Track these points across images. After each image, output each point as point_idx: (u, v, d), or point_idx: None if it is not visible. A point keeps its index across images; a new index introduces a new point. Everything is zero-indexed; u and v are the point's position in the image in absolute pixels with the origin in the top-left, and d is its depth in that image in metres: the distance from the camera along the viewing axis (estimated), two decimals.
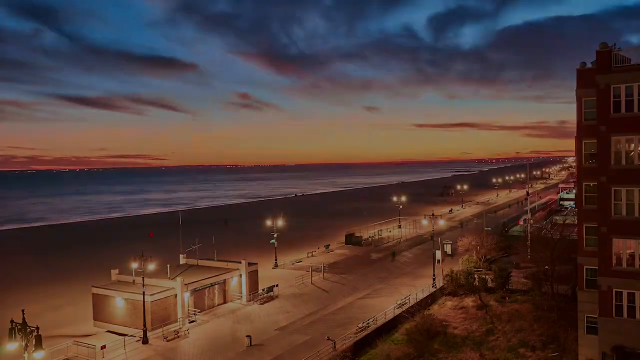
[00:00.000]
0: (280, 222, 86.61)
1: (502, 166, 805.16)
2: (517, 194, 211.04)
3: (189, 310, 54.62)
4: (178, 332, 50.43)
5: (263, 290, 63.24)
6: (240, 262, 62.83)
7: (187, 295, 54.71)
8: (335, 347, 44.69)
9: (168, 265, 61.28)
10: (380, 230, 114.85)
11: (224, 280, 60.32)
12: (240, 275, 61.97)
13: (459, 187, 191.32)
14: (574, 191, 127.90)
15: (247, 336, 47.31)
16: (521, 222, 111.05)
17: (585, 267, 38.10)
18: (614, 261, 35.59)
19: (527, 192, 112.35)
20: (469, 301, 58.01)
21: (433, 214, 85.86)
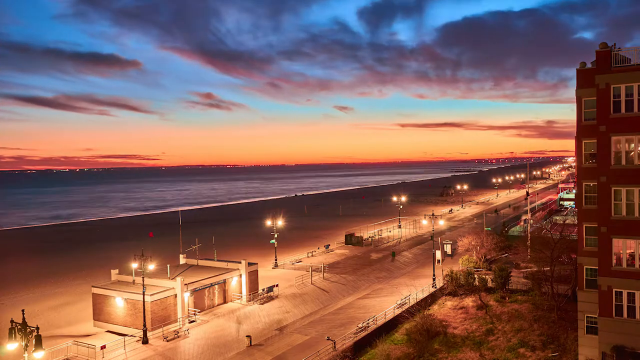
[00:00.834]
0: (280, 222, 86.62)
1: (502, 166, 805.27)
2: (518, 193, 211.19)
3: (189, 310, 54.63)
4: (178, 332, 50.44)
5: (263, 290, 63.25)
6: (240, 262, 62.84)
7: (187, 295, 54.72)
8: (335, 347, 44.70)
9: (168, 265, 61.34)
10: (380, 230, 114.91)
11: (224, 280, 60.33)
12: (240, 275, 61.99)
13: (458, 187, 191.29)
14: (574, 191, 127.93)
15: (247, 336, 47.31)
16: (521, 222, 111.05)
17: (585, 267, 38.08)
18: (614, 261, 35.59)
19: (527, 192, 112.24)
20: (469, 301, 58.01)
21: (433, 214, 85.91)
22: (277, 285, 65.14)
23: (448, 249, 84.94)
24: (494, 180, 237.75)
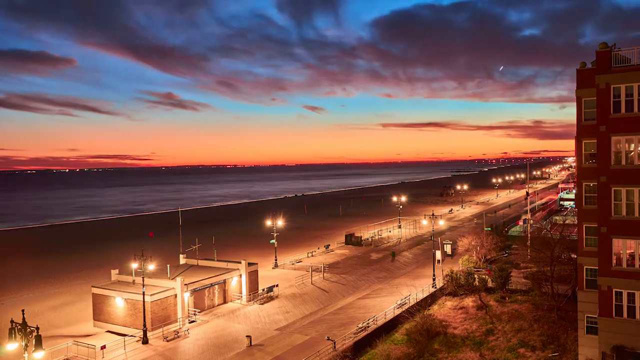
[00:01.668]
0: (280, 222, 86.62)
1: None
2: (518, 193, 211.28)
3: (189, 310, 54.63)
4: (178, 332, 50.44)
5: (263, 290, 63.25)
6: (240, 262, 62.84)
7: (187, 295, 54.72)
8: (335, 347, 44.70)
9: (168, 265, 61.35)
10: (380, 230, 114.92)
11: (224, 280, 60.33)
12: (240, 276, 61.99)
13: (458, 187, 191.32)
14: (574, 191, 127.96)
15: (247, 336, 47.31)
16: (521, 223, 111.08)
17: (585, 267, 38.08)
18: (614, 261, 35.59)
19: (527, 192, 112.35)
20: (468, 301, 58.01)
21: (433, 214, 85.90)
22: (277, 285, 65.14)
23: (448, 249, 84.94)
24: (494, 180, 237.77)
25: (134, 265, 51.68)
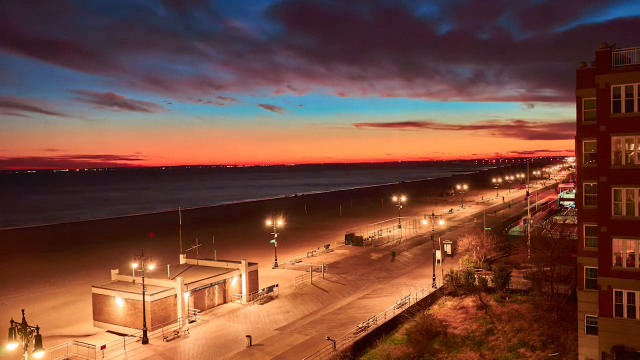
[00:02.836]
0: (280, 222, 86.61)
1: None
2: (518, 193, 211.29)
3: (189, 310, 54.63)
4: (178, 332, 50.45)
5: (263, 290, 63.25)
6: (240, 262, 62.84)
7: (187, 295, 54.72)
8: (335, 347, 44.70)
9: (168, 265, 61.36)
10: (380, 230, 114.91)
11: (224, 280, 60.34)
12: (240, 275, 62.00)
13: (458, 187, 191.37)
14: (574, 191, 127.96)
15: (247, 336, 47.32)
16: (521, 223, 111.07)
17: (585, 267, 38.09)
18: (614, 261, 35.60)
19: (527, 193, 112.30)
20: (469, 301, 58.02)
21: (433, 214, 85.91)
22: (277, 285, 65.15)
23: (448, 249, 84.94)
24: (494, 180, 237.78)
25: (134, 265, 51.69)
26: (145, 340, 48.28)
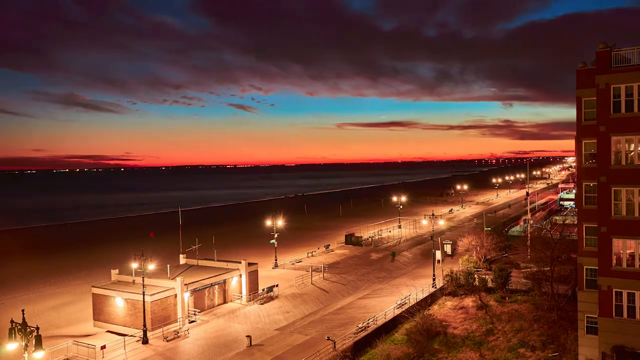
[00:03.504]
0: (280, 222, 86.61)
1: (503, 167, 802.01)
2: (518, 193, 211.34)
3: (189, 310, 54.63)
4: (178, 332, 50.44)
5: (263, 290, 63.25)
6: (240, 262, 62.84)
7: (187, 295, 54.71)
8: (335, 347, 44.71)
9: (168, 265, 61.35)
10: (380, 230, 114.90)
11: (224, 280, 60.33)
12: (240, 275, 61.99)
13: (458, 187, 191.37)
14: (574, 191, 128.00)
15: (247, 336, 47.32)
16: (521, 223, 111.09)
17: (585, 267, 38.10)
18: (614, 261, 35.60)
19: (527, 193, 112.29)
20: (469, 301, 58.02)
21: (433, 214, 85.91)
22: (277, 285, 65.14)
23: (448, 249, 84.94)
24: (493, 180, 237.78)
25: (134, 265, 51.68)
26: (145, 341, 48.27)
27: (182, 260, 67.61)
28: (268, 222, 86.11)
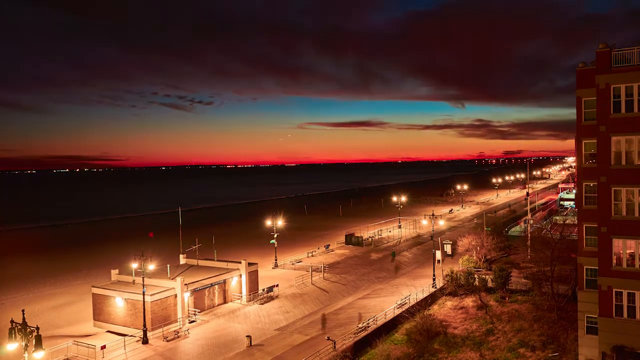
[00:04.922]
0: (280, 222, 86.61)
1: (503, 167, 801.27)
2: (518, 193, 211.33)
3: (189, 310, 54.63)
4: (178, 332, 50.45)
5: (263, 290, 63.25)
6: (240, 262, 62.84)
7: (187, 295, 54.72)
8: (335, 347, 44.70)
9: (168, 265, 61.35)
10: (380, 230, 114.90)
11: (224, 280, 60.33)
12: (240, 276, 61.99)
13: (458, 187, 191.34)
14: (574, 191, 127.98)
15: (247, 336, 47.33)
16: (521, 222, 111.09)
17: (585, 267, 38.09)
18: (614, 261, 35.60)
19: (527, 193, 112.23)
20: (469, 301, 58.02)
21: (433, 214, 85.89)
22: (277, 285, 65.14)
23: (448, 249, 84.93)
24: (494, 180, 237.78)
25: (134, 265, 51.70)
26: (145, 341, 48.28)
27: (182, 260, 67.61)
28: (268, 222, 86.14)
